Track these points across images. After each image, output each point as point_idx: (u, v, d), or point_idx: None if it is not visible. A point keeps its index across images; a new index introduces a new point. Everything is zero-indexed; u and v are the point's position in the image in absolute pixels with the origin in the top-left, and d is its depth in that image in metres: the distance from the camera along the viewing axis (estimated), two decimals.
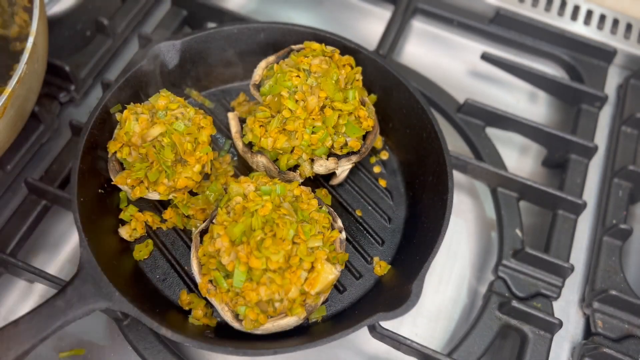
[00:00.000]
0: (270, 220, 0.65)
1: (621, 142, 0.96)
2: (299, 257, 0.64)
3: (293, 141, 0.73)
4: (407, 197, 0.84)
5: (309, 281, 0.65)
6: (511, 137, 0.98)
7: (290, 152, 0.75)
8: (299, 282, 0.64)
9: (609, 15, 1.10)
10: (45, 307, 0.60)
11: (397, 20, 1.02)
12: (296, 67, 0.76)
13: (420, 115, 0.81)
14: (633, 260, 0.90)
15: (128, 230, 0.76)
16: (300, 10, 1.14)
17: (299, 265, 0.64)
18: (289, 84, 0.74)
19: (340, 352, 0.79)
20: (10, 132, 0.75)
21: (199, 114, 0.76)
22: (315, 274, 0.65)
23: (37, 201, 0.80)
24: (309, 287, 0.65)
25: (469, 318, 0.83)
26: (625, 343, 0.77)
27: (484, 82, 1.08)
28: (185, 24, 1.05)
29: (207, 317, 0.71)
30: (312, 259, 0.65)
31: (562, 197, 0.85)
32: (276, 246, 0.63)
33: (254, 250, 0.63)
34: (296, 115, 0.73)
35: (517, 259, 0.82)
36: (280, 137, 0.73)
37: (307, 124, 0.73)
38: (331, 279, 0.66)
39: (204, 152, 0.74)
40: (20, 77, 0.69)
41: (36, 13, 0.73)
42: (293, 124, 0.73)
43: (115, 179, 0.73)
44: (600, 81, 1.03)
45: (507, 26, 1.07)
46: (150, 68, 0.81)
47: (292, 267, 0.64)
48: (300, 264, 0.64)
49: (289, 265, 0.64)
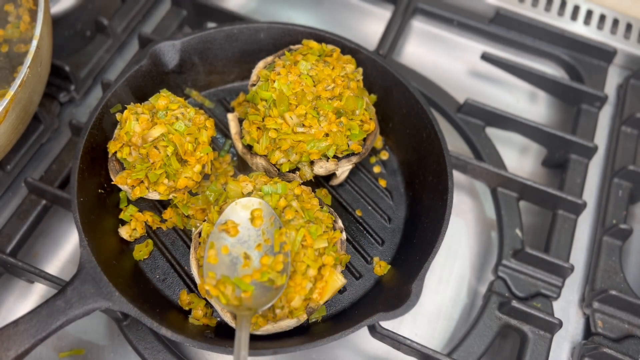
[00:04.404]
0: None
1: (621, 142, 0.96)
2: (305, 264, 0.64)
3: (290, 156, 0.73)
4: (407, 197, 0.84)
5: (318, 291, 0.65)
6: (511, 137, 0.98)
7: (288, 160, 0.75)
8: (303, 292, 0.64)
9: (609, 15, 1.10)
10: (45, 307, 0.60)
11: (397, 20, 1.02)
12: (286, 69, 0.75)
13: (420, 115, 0.81)
14: (633, 260, 0.90)
15: (128, 230, 0.76)
16: (300, 10, 1.14)
17: (304, 274, 0.64)
18: (268, 95, 0.73)
19: (340, 352, 0.79)
20: (12, 135, 0.75)
21: (200, 114, 0.76)
22: (323, 284, 0.65)
23: (37, 201, 0.80)
24: (318, 297, 0.65)
25: (469, 318, 0.83)
26: (625, 343, 0.77)
27: (484, 82, 1.08)
28: (185, 24, 1.05)
29: (207, 317, 0.71)
30: (319, 264, 0.65)
31: (562, 197, 0.85)
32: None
33: None
34: (283, 132, 0.72)
35: (517, 259, 0.82)
36: (276, 152, 0.73)
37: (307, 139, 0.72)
38: (339, 286, 0.67)
39: (204, 152, 0.74)
40: (22, 80, 0.69)
41: (40, 16, 0.73)
42: (285, 142, 0.72)
43: (115, 179, 0.73)
44: (600, 81, 1.03)
45: (507, 26, 1.07)
46: (150, 68, 0.81)
47: (297, 273, 0.64)
48: (305, 273, 0.64)
49: (294, 270, 0.63)
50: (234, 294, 0.62)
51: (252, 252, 0.65)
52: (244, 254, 0.65)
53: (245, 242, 0.66)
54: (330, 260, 0.65)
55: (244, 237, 0.66)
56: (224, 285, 0.62)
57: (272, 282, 0.63)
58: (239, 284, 0.62)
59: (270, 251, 0.64)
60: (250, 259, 0.64)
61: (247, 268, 0.64)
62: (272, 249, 0.64)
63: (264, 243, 0.65)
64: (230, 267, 0.64)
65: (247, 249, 0.65)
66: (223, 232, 0.65)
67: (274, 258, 0.63)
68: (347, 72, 0.77)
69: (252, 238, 0.66)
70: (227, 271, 0.64)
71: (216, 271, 0.63)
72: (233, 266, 0.64)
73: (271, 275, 0.62)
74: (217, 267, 0.64)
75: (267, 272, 0.63)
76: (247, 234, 0.66)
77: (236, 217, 0.66)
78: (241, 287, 0.62)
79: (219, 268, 0.63)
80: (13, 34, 0.83)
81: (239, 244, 0.65)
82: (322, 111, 0.73)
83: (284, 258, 0.64)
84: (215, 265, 0.64)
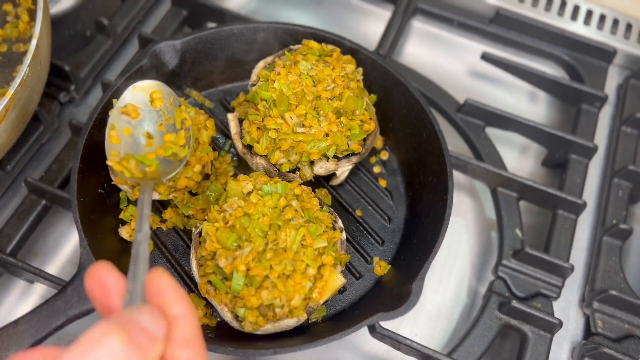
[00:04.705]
0: (275, 225, 0.65)
1: (621, 142, 0.96)
2: (305, 264, 0.64)
3: (290, 156, 0.73)
4: (407, 197, 0.84)
5: (317, 290, 0.65)
6: (511, 137, 0.98)
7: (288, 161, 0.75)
8: (302, 290, 0.63)
9: (609, 15, 1.10)
10: (45, 307, 0.60)
11: (397, 20, 1.02)
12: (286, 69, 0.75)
13: (420, 115, 0.81)
14: (633, 260, 0.90)
15: (128, 230, 0.76)
16: (300, 10, 1.14)
17: (304, 273, 0.64)
18: (268, 95, 0.74)
19: (340, 352, 0.79)
20: (12, 134, 0.75)
21: (200, 114, 0.76)
22: (323, 283, 0.65)
23: (37, 201, 0.80)
24: (317, 297, 0.65)
25: (469, 318, 0.83)
26: (625, 343, 0.77)
27: (484, 82, 1.08)
28: (185, 24, 1.05)
29: (207, 317, 0.71)
30: (319, 263, 0.65)
31: (562, 197, 0.85)
32: (279, 257, 0.63)
33: (254, 259, 0.62)
34: (283, 132, 0.72)
35: (517, 259, 0.82)
36: (276, 152, 0.73)
37: (307, 139, 0.72)
38: (339, 286, 0.66)
39: (205, 152, 0.74)
40: (22, 79, 0.69)
41: (39, 15, 0.73)
42: (285, 142, 0.72)
43: (115, 179, 0.73)
44: (600, 81, 1.03)
45: (507, 26, 1.07)
46: (150, 68, 0.81)
47: (297, 272, 0.64)
48: (305, 272, 0.64)
49: (293, 269, 0.63)
50: (137, 168, 0.67)
51: (155, 131, 0.70)
52: (146, 134, 0.69)
53: (147, 123, 0.70)
54: (330, 260, 0.65)
55: (144, 118, 0.70)
56: (127, 161, 0.67)
57: (176, 156, 0.68)
58: (143, 160, 0.67)
59: (172, 129, 0.70)
60: (152, 138, 0.69)
61: (150, 147, 0.69)
62: (174, 126, 0.70)
63: (166, 122, 0.70)
64: (134, 146, 0.68)
65: (148, 129, 0.70)
66: (123, 115, 0.69)
67: (177, 134, 0.69)
68: (347, 72, 0.77)
69: (153, 119, 0.70)
70: (130, 150, 0.68)
71: (119, 150, 0.67)
72: (136, 145, 0.68)
73: (174, 150, 0.68)
74: (119, 146, 0.68)
75: (170, 147, 0.68)
76: (147, 116, 0.70)
77: (135, 100, 0.70)
78: (145, 163, 0.67)
79: (122, 147, 0.68)
80: (12, 33, 0.83)
81: (141, 125, 0.70)
82: (322, 111, 0.73)
83: (185, 133, 0.70)
84: (118, 145, 0.68)
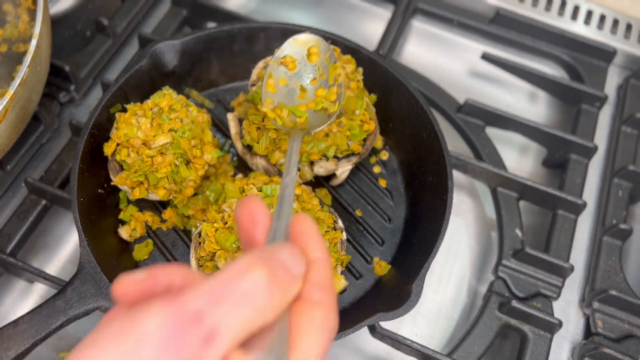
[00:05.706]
0: None
1: (621, 142, 0.96)
2: None
3: None
4: (407, 197, 0.84)
5: None
6: (511, 137, 0.98)
7: None
8: None
9: (609, 15, 1.09)
10: (45, 307, 0.60)
11: (397, 20, 1.02)
12: None
13: (420, 115, 0.81)
14: (633, 260, 0.90)
15: (128, 230, 0.76)
16: (300, 10, 1.14)
17: None
18: None
19: (340, 352, 0.79)
20: (12, 134, 0.75)
21: (202, 113, 0.76)
22: None
23: (37, 201, 0.80)
24: None
25: (469, 318, 0.83)
26: (625, 343, 0.77)
27: (484, 82, 1.08)
28: (185, 24, 1.05)
29: None
30: None
31: (562, 197, 0.85)
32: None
33: None
34: (283, 133, 0.72)
35: (517, 259, 0.82)
36: (275, 153, 0.73)
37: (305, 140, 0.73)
38: (340, 289, 0.66)
39: (211, 154, 0.74)
40: (22, 79, 0.69)
41: (39, 15, 0.73)
42: (285, 143, 0.72)
43: (115, 179, 0.73)
44: (600, 81, 1.03)
45: (507, 26, 1.07)
46: (150, 68, 0.81)
47: None
48: None
49: None
50: (289, 118, 0.68)
51: (308, 85, 0.71)
52: (300, 87, 0.71)
53: (302, 76, 0.71)
54: (332, 261, 0.65)
55: (300, 71, 0.71)
56: (281, 110, 0.69)
57: (326, 110, 0.69)
58: (295, 111, 0.69)
59: (325, 84, 0.70)
60: (305, 91, 0.71)
61: (302, 99, 0.70)
62: (327, 82, 0.71)
63: (319, 77, 0.71)
64: (287, 97, 0.70)
65: (303, 82, 0.71)
66: (282, 66, 0.71)
67: (329, 90, 0.70)
68: (347, 72, 0.77)
69: (307, 73, 0.71)
70: (283, 100, 0.70)
71: (274, 99, 0.70)
72: (290, 96, 0.70)
73: (325, 105, 0.69)
74: (275, 95, 0.70)
75: (321, 102, 0.69)
76: (303, 69, 0.72)
77: (294, 52, 0.71)
78: (296, 114, 0.68)
79: (277, 96, 0.70)
80: (12, 33, 0.83)
81: (296, 77, 0.71)
82: None
83: (337, 89, 0.70)
84: (274, 94, 0.70)
